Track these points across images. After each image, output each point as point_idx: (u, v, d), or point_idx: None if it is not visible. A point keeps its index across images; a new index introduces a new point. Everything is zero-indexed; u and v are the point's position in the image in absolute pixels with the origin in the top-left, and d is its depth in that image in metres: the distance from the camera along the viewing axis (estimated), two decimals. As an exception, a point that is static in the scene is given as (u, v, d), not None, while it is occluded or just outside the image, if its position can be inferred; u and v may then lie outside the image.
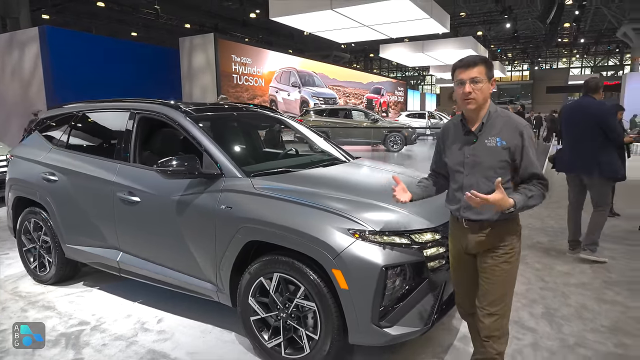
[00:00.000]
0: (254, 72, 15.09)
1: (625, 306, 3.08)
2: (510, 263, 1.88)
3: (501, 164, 1.82)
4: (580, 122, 3.86)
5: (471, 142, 1.88)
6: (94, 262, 3.30)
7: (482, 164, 1.84)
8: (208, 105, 3.38)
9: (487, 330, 1.89)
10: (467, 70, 1.81)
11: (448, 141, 1.99)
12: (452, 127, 1.99)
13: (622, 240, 4.57)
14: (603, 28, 25.11)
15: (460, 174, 1.91)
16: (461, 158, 1.89)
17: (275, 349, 2.38)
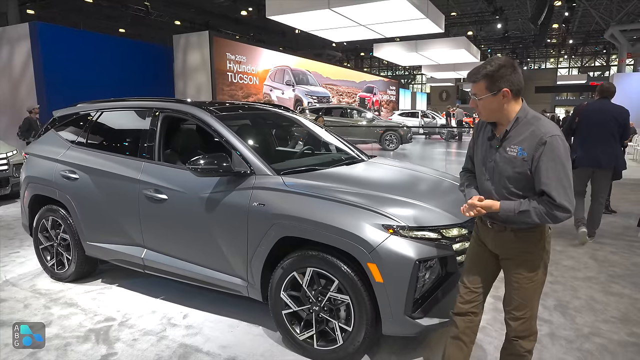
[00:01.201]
0: (249, 70, 15.08)
1: (632, 298, 3.24)
2: (534, 271, 1.82)
3: (517, 175, 1.73)
4: (604, 123, 4.33)
5: (494, 147, 1.82)
6: (116, 259, 3.34)
7: (501, 172, 1.78)
8: (229, 105, 3.44)
9: (515, 332, 1.90)
10: (471, 85, 1.80)
11: (478, 141, 1.95)
12: (483, 126, 1.94)
13: (621, 236, 4.76)
14: (591, 29, 25.70)
15: (483, 177, 1.89)
16: (485, 162, 1.86)
17: (307, 341, 2.47)
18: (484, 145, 1.89)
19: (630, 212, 5.79)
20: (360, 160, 3.37)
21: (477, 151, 1.95)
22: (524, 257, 1.83)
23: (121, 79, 11.78)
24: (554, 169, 1.65)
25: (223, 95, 13.66)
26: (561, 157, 1.65)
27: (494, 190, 1.82)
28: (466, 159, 2.09)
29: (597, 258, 4.08)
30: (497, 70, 1.71)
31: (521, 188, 1.75)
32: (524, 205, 1.71)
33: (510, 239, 1.83)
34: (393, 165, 3.40)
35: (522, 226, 1.79)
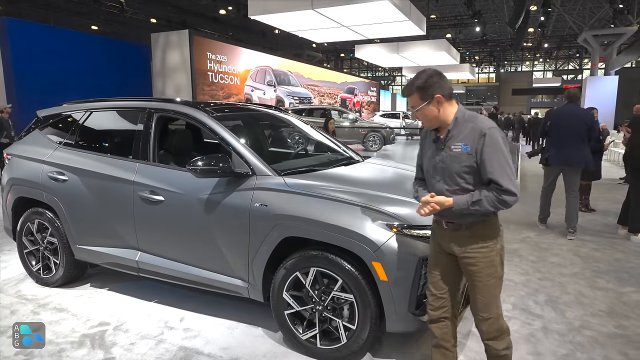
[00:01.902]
0: (230, 70, 14.92)
1: (617, 292, 3.38)
2: (493, 266, 1.89)
3: (466, 169, 1.82)
4: (573, 125, 4.73)
5: (440, 148, 1.90)
6: (108, 263, 3.26)
7: (451, 170, 1.85)
8: (223, 105, 3.42)
9: (486, 334, 1.95)
10: (407, 99, 1.93)
11: (425, 147, 2.04)
12: (427, 134, 2.02)
13: (601, 233, 4.95)
14: (564, 34, 26.59)
15: (434, 180, 1.94)
16: (433, 164, 1.93)
17: (310, 340, 2.48)
18: (430, 150, 1.97)
19: (608, 210, 6.04)
20: (356, 160, 3.40)
21: (425, 158, 2.02)
22: (481, 255, 1.88)
23: (96, 78, 11.42)
24: (497, 158, 1.78)
25: (204, 96, 13.48)
26: (501, 146, 1.79)
27: (446, 189, 1.88)
28: (417, 169, 2.15)
29: (580, 255, 4.23)
30: (426, 81, 1.85)
31: (472, 182, 1.84)
32: (475, 196, 1.80)
33: (466, 237, 1.89)
34: (388, 165, 3.44)
35: (476, 220, 1.87)
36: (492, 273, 1.89)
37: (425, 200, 1.87)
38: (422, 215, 1.90)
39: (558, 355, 2.52)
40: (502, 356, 1.97)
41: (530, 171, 10.03)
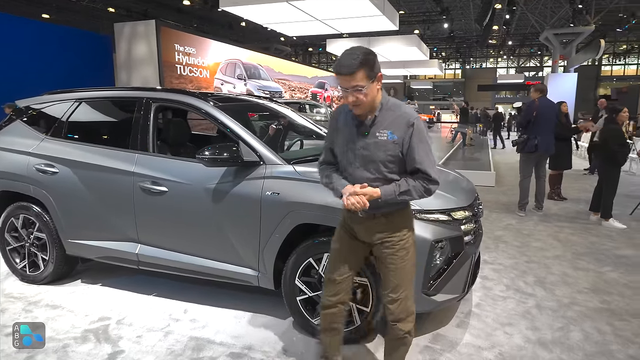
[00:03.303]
0: (199, 63, 14.52)
1: (597, 272, 3.64)
2: (406, 250, 1.89)
3: (391, 158, 1.78)
4: (551, 116, 5.39)
5: (362, 134, 1.79)
6: (104, 257, 3.17)
7: (374, 158, 1.78)
8: (223, 95, 3.39)
9: (394, 315, 1.91)
10: (348, 79, 1.66)
11: (339, 129, 1.87)
12: (342, 117, 1.88)
13: (575, 220, 5.29)
14: (527, 32, 27.77)
15: (352, 166, 1.83)
16: (353, 150, 1.81)
17: (323, 325, 2.52)
18: (349, 134, 1.82)
19: (578, 198, 6.44)
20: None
21: (339, 141, 1.87)
22: (397, 239, 1.88)
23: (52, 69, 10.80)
24: (424, 149, 1.77)
25: (173, 89, 13.09)
26: (426, 137, 1.81)
27: (367, 177, 1.80)
28: (325, 151, 1.97)
29: (560, 239, 4.51)
30: (369, 56, 1.69)
31: (396, 171, 1.80)
32: (403, 186, 1.77)
33: (382, 224, 1.87)
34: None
35: (392, 210, 1.86)
36: (404, 256, 1.89)
37: (355, 191, 1.74)
38: (348, 206, 1.75)
39: (554, 329, 2.70)
40: (403, 338, 1.96)
41: (501, 163, 10.47)
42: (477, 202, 2.82)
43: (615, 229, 4.84)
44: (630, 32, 27.79)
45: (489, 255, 3.95)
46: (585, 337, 2.63)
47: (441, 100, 36.84)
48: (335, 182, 1.87)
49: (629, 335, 2.66)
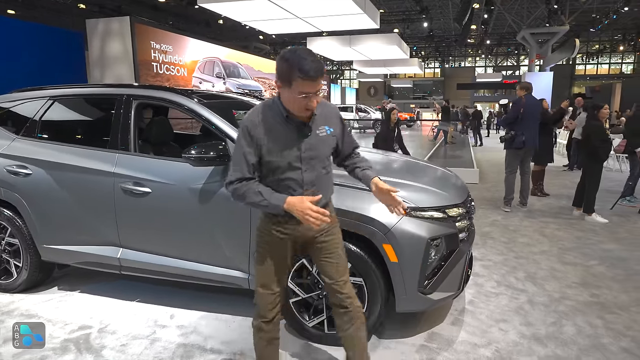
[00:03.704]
0: (176, 61, 14.19)
1: (584, 266, 3.68)
2: (339, 232, 1.94)
3: (331, 151, 1.84)
4: (537, 113, 5.56)
5: (306, 135, 1.73)
6: (83, 262, 3.01)
7: (321, 155, 1.78)
8: (207, 92, 3.27)
9: (348, 295, 1.90)
10: (317, 82, 1.61)
11: (266, 139, 1.69)
12: (264, 127, 1.69)
13: (559, 215, 5.36)
14: (504, 31, 28.34)
15: (295, 172, 1.74)
16: (296, 153, 1.72)
17: (317, 327, 2.45)
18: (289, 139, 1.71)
19: (560, 194, 6.55)
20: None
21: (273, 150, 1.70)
22: (333, 225, 1.89)
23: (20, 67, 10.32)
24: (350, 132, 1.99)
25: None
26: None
27: (316, 175, 1.78)
28: (244, 167, 1.71)
29: (546, 234, 4.55)
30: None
31: (329, 163, 1.85)
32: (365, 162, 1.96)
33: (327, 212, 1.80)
34: (376, 152, 3.48)
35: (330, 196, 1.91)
36: (341, 238, 1.94)
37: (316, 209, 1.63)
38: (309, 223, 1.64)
39: (547, 324, 2.70)
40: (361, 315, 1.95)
41: (483, 160, 10.60)
42: (469, 198, 2.79)
43: (598, 223, 4.93)
44: (603, 32, 28.73)
45: (478, 251, 3.95)
46: (578, 331, 2.63)
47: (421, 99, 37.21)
48: (270, 197, 1.70)
49: (620, 328, 2.68)
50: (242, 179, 1.71)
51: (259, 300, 1.89)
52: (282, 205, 1.67)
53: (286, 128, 1.71)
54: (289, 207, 1.66)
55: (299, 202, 1.65)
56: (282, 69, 1.59)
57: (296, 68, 1.55)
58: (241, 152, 1.71)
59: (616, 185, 6.75)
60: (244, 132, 1.71)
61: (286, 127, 1.71)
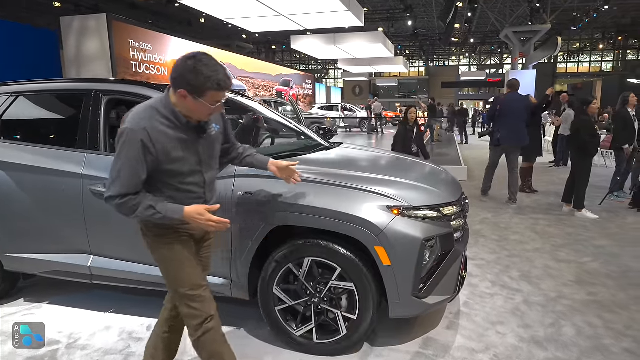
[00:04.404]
0: (156, 60, 13.85)
1: (578, 263, 3.60)
2: None
3: (219, 148, 1.85)
4: (517, 110, 5.49)
5: (202, 137, 1.70)
6: (50, 272, 2.78)
7: (215, 154, 1.80)
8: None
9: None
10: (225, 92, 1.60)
11: (167, 149, 1.59)
12: (160, 132, 1.58)
13: (549, 212, 5.30)
14: (487, 30, 28.57)
15: (194, 177, 1.71)
16: (196, 157, 1.69)
17: (305, 336, 2.29)
18: (182, 145, 1.63)
19: (548, 190, 6.52)
20: (333, 146, 3.23)
21: (173, 158, 1.62)
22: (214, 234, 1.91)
23: None
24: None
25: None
26: None
27: (213, 175, 1.80)
28: (132, 181, 1.57)
29: (537, 232, 4.47)
30: None
31: (218, 161, 1.86)
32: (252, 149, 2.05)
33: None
34: (368, 149, 3.33)
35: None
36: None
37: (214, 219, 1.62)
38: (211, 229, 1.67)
39: (546, 325, 2.59)
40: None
41: (470, 158, 10.57)
42: (463, 196, 2.66)
43: (588, 219, 4.88)
44: (583, 31, 29.24)
45: (470, 250, 3.84)
46: (577, 332, 2.52)
47: (406, 98, 37.27)
48: (165, 211, 1.60)
49: (620, 327, 2.58)
50: (128, 193, 1.57)
51: (196, 305, 1.73)
52: (179, 217, 1.62)
53: (185, 133, 1.65)
54: (188, 219, 1.62)
55: (198, 213, 1.62)
56: (195, 79, 1.53)
57: (212, 80, 1.53)
58: (128, 166, 1.55)
59: (602, 181, 6.75)
60: (132, 143, 1.54)
61: (185, 132, 1.65)
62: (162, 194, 1.66)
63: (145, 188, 1.63)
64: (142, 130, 1.54)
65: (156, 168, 1.61)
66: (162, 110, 1.61)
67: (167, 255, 1.73)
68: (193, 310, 1.73)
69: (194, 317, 1.74)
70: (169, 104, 1.62)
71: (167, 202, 1.64)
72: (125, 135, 1.55)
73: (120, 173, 1.56)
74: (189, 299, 1.73)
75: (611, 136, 8.64)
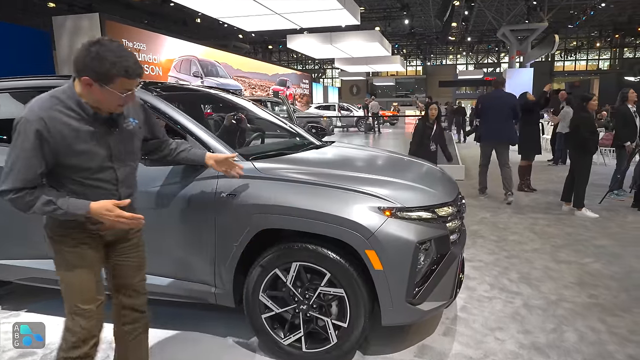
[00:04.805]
0: (150, 60, 13.69)
1: (579, 264, 3.48)
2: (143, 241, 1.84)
3: (139, 145, 1.74)
4: (499, 107, 5.43)
5: (113, 131, 1.59)
6: (27, 278, 2.65)
7: (132, 150, 1.68)
8: (171, 84, 2.95)
9: (144, 297, 1.83)
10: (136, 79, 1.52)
11: (68, 141, 1.47)
12: (62, 123, 1.46)
13: (548, 211, 5.19)
14: (484, 29, 28.50)
15: (108, 170, 1.59)
16: (107, 152, 1.56)
17: (294, 345, 2.17)
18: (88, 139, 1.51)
19: (546, 189, 6.40)
20: (324, 144, 3.11)
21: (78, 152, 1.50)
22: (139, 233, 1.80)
23: None
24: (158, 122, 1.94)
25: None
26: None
27: (128, 172, 1.67)
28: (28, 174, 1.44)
29: (536, 231, 4.36)
30: None
31: (138, 157, 1.76)
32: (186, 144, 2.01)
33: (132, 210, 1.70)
34: (360, 148, 3.21)
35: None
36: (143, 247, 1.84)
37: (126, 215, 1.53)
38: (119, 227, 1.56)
39: (547, 331, 2.47)
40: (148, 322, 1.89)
41: (467, 157, 10.46)
42: (460, 196, 2.54)
43: (588, 218, 4.77)
44: (580, 29, 29.19)
45: (467, 252, 3.72)
46: (580, 337, 2.41)
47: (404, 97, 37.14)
48: (67, 206, 1.48)
49: (624, 332, 2.47)
50: (23, 188, 1.45)
51: (81, 321, 1.60)
52: (84, 213, 1.50)
53: (92, 126, 1.53)
54: (95, 215, 1.51)
55: (106, 209, 1.51)
56: (100, 66, 1.42)
57: (118, 66, 1.43)
58: (23, 158, 1.43)
59: (602, 179, 6.64)
60: (27, 134, 1.42)
61: (92, 124, 1.53)
62: (67, 189, 1.54)
63: (50, 182, 1.52)
64: (38, 120, 1.42)
65: (58, 162, 1.49)
66: (66, 101, 1.49)
67: (67, 259, 1.61)
68: (75, 325, 1.60)
69: (74, 333, 1.60)
70: (73, 94, 1.50)
71: (70, 197, 1.51)
72: (21, 125, 1.43)
73: (14, 166, 1.44)
74: (77, 312, 1.60)
75: (609, 134, 8.57)
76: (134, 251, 1.78)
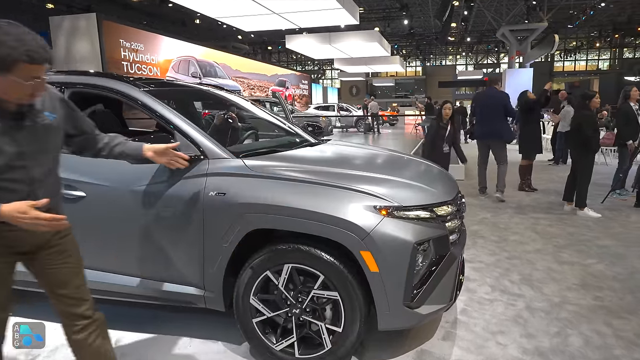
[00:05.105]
0: (148, 60, 13.62)
1: (582, 264, 3.39)
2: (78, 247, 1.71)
3: (60, 141, 1.61)
4: (492, 105, 5.49)
5: (24, 126, 1.45)
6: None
7: (47, 148, 1.52)
8: (161, 80, 2.86)
9: (90, 302, 1.70)
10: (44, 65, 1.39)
11: None
12: None
13: (549, 210, 5.09)
14: (484, 29, 28.42)
15: (20, 170, 1.45)
16: (15, 149, 1.42)
17: (286, 350, 2.08)
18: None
19: (547, 189, 6.31)
20: (319, 142, 3.02)
21: None
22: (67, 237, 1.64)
23: None
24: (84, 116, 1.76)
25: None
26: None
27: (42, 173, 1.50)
28: None
29: (538, 232, 4.26)
30: None
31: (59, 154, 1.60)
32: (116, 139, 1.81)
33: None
34: (356, 146, 3.12)
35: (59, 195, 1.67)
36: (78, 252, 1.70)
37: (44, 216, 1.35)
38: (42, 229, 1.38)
39: (551, 335, 2.38)
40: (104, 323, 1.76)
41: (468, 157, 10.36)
42: (459, 195, 2.45)
43: (591, 218, 4.67)
44: (580, 29, 29.13)
45: (467, 252, 3.62)
46: (585, 341, 2.31)
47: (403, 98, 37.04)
48: None
49: (631, 336, 2.37)
50: None
51: None
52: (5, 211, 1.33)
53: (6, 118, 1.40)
54: (7, 219, 1.33)
55: (19, 212, 1.33)
56: None
57: (19, 50, 1.29)
58: None
59: (604, 178, 6.55)
60: None
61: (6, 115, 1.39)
62: None
63: None
64: None
65: None
66: None
67: None
68: None
69: None
70: None
71: None
72: None
73: None
74: None
75: (610, 133, 8.47)
76: (60, 258, 1.61)
